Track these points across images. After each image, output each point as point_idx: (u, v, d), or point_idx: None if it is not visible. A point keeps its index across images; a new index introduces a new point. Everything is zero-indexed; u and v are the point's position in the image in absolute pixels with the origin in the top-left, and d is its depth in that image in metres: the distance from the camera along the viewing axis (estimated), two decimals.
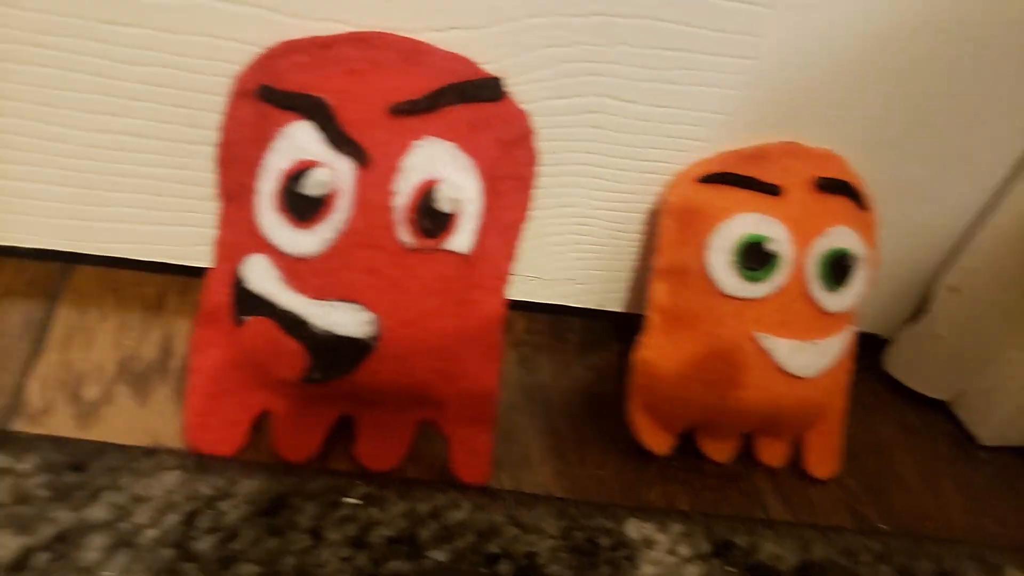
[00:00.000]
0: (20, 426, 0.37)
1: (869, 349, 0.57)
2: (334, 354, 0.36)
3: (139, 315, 0.44)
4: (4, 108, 0.38)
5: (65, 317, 0.43)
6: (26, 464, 0.33)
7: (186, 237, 0.43)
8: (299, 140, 0.35)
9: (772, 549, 0.42)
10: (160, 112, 0.39)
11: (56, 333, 0.42)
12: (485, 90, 0.38)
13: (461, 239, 0.37)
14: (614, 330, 0.52)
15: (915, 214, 0.50)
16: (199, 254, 0.44)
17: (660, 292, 0.44)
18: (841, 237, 0.43)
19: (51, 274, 0.45)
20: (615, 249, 0.48)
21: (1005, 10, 0.41)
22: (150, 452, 0.36)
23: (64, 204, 0.42)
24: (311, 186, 0.34)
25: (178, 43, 0.37)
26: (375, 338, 0.36)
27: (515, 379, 0.48)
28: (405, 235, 0.35)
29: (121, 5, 0.36)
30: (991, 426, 0.52)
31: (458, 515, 0.37)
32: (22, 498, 0.32)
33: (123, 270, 0.45)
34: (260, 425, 0.39)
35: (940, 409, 0.55)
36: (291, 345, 0.36)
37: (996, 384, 0.51)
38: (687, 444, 0.46)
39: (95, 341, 0.42)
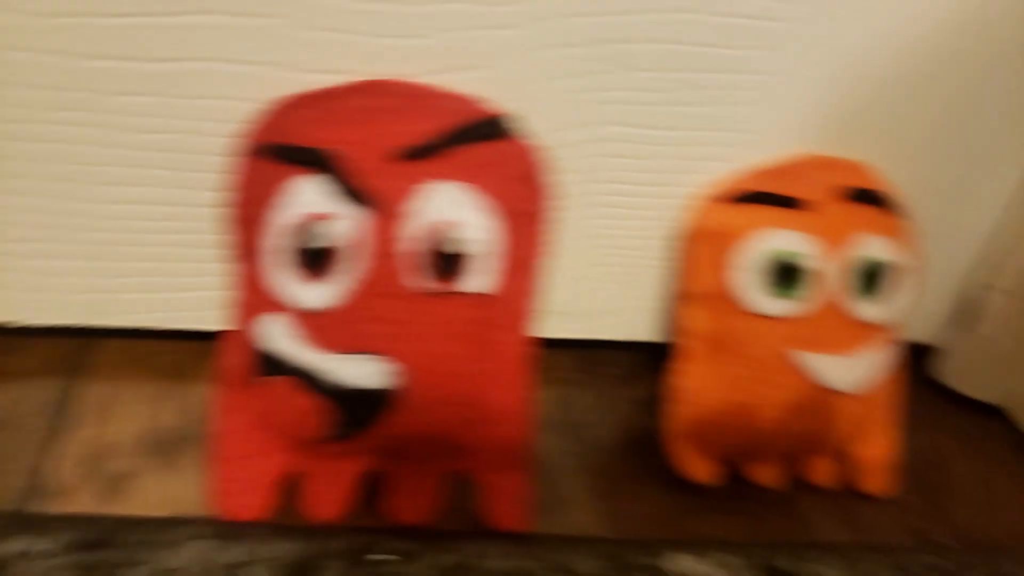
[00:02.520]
0: (46, 505, 0.37)
1: (919, 358, 0.55)
2: (357, 408, 0.35)
3: (161, 384, 0.43)
4: (15, 187, 0.38)
5: (87, 392, 0.42)
6: (47, 544, 0.33)
7: (204, 302, 0.43)
8: (308, 194, 0.35)
9: (818, 571, 0.40)
10: (170, 178, 0.39)
11: (78, 409, 0.41)
12: (493, 129, 0.37)
13: (479, 279, 0.36)
14: (651, 361, 0.51)
15: (950, 218, 0.48)
16: (216, 318, 0.44)
17: (691, 317, 0.43)
18: (874, 247, 0.41)
19: (70, 351, 0.45)
20: (647, 278, 0.47)
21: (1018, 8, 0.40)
22: (174, 522, 0.35)
23: (79, 279, 0.42)
24: (322, 238, 0.34)
25: (184, 107, 0.37)
26: (398, 388, 0.35)
27: (554, 419, 0.46)
28: (421, 280, 0.34)
29: (127, 75, 0.36)
30: None
31: (493, 564, 0.36)
32: None
33: (143, 340, 0.45)
34: (292, 487, 0.39)
35: (996, 415, 0.53)
36: (313, 402, 0.35)
37: None
38: (733, 471, 0.44)
39: (117, 414, 0.42)
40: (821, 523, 0.43)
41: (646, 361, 0.51)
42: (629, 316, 0.49)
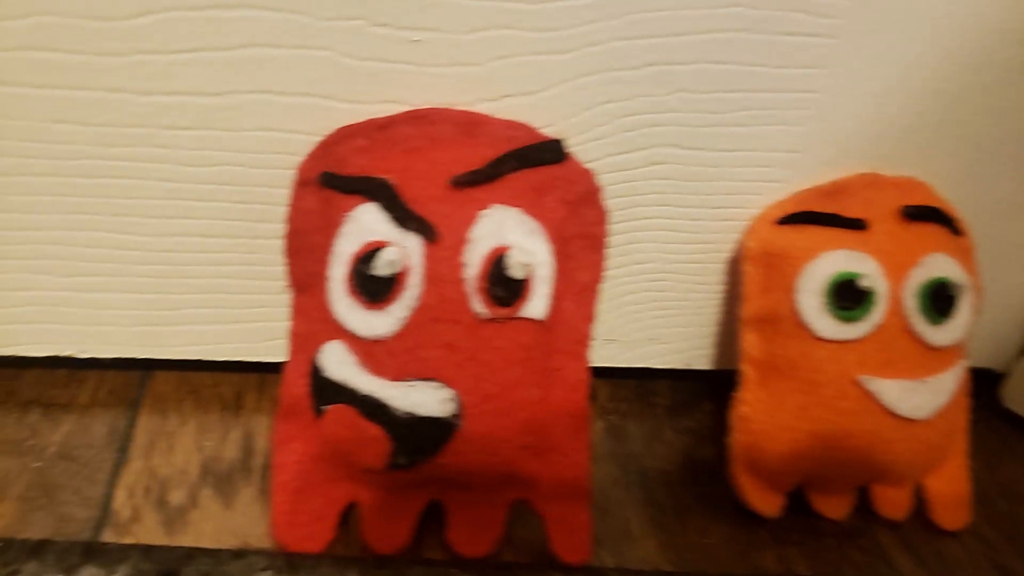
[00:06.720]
0: (109, 536, 0.36)
1: (983, 385, 0.54)
2: (417, 437, 0.34)
3: (218, 416, 0.43)
4: (77, 222, 0.39)
5: (146, 424, 0.43)
6: (117, 575, 0.33)
7: (260, 333, 0.43)
8: (366, 222, 0.35)
9: None
10: (225, 210, 0.39)
11: (139, 441, 0.42)
12: (546, 153, 0.37)
13: (536, 305, 0.35)
14: (704, 390, 0.50)
15: (1014, 235, 0.47)
16: (274, 349, 0.44)
17: (751, 343, 0.42)
18: (938, 266, 0.40)
19: (130, 382, 0.45)
20: (696, 304, 0.46)
21: None
22: (239, 554, 0.35)
23: (139, 311, 0.42)
24: (381, 266, 0.33)
25: (238, 140, 0.37)
26: (458, 416, 0.34)
27: (606, 450, 0.45)
28: (479, 306, 0.34)
29: (181, 110, 0.36)
30: None
31: None
32: None
33: (200, 372, 0.45)
34: (347, 518, 0.38)
35: None
36: (373, 431, 0.35)
37: None
38: (798, 503, 0.43)
39: (177, 446, 0.42)
40: (897, 558, 0.42)
41: (699, 391, 0.50)
42: (679, 344, 0.48)
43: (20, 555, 0.33)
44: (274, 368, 0.43)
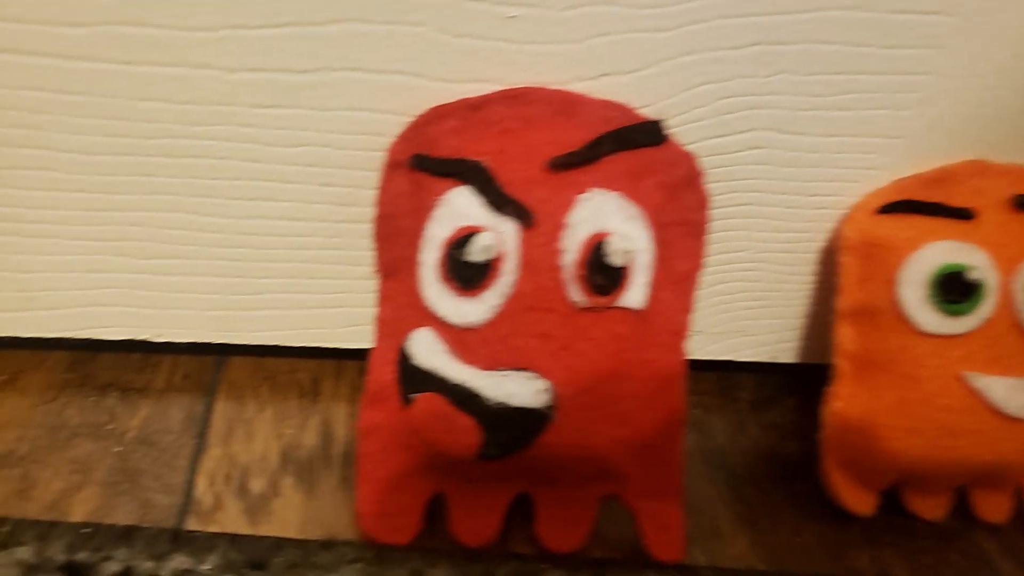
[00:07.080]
0: (193, 524, 0.36)
1: None
2: (509, 427, 0.33)
3: (296, 403, 0.43)
4: (158, 203, 0.38)
5: (223, 410, 0.42)
6: (207, 565, 0.32)
7: (340, 319, 0.42)
8: (459, 206, 0.34)
9: None
10: (310, 192, 0.38)
11: (216, 427, 0.41)
12: (644, 135, 0.35)
13: (634, 294, 0.34)
14: (789, 384, 0.48)
15: None
16: (353, 335, 0.43)
17: (847, 336, 0.40)
18: None
19: (204, 367, 0.44)
20: (787, 295, 0.44)
21: None
22: (327, 545, 0.34)
23: (217, 295, 0.41)
24: (476, 252, 0.32)
25: (325, 120, 0.36)
26: (551, 407, 0.33)
27: (690, 444, 0.44)
28: (576, 294, 0.33)
29: (268, 88, 0.35)
30: None
31: None
32: None
33: (276, 358, 0.45)
34: (433, 509, 0.37)
35: None
36: (464, 421, 0.33)
37: None
38: (891, 502, 0.41)
39: (256, 432, 0.41)
40: (1000, 563, 0.40)
41: (783, 385, 0.48)
42: (766, 336, 0.46)
43: (109, 540, 0.33)
44: (352, 354, 0.42)
